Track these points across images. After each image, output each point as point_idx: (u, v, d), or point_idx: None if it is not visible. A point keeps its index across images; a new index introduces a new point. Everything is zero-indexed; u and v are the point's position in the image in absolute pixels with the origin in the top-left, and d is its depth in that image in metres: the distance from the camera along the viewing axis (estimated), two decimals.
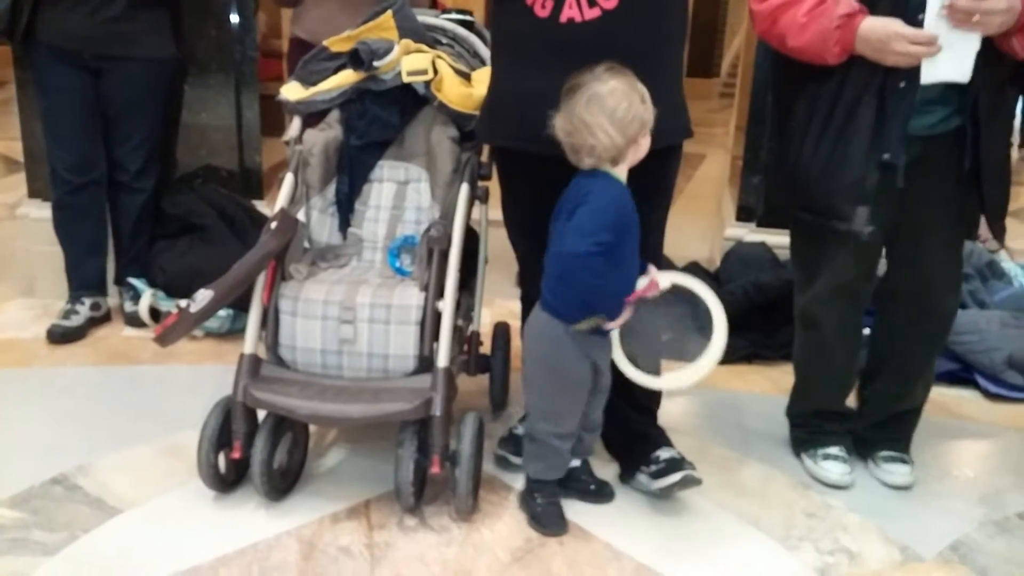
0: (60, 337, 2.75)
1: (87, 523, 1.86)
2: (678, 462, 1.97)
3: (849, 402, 2.24)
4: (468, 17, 2.39)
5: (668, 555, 1.83)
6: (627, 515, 1.96)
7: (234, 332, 2.71)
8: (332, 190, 2.17)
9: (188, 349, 2.70)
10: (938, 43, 1.75)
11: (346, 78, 2.16)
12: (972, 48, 1.78)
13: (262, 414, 1.92)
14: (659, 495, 1.98)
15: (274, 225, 1.96)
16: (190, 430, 1.93)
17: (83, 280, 2.88)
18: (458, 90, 2.13)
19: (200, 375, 2.53)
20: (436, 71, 2.11)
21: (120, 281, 2.97)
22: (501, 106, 1.90)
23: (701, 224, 3.70)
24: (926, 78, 1.79)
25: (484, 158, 2.17)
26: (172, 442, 2.15)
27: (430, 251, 1.96)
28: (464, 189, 2.05)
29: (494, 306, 2.71)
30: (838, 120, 1.84)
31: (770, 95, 2.11)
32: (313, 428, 2.11)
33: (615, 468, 2.09)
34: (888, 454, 2.16)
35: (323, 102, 2.18)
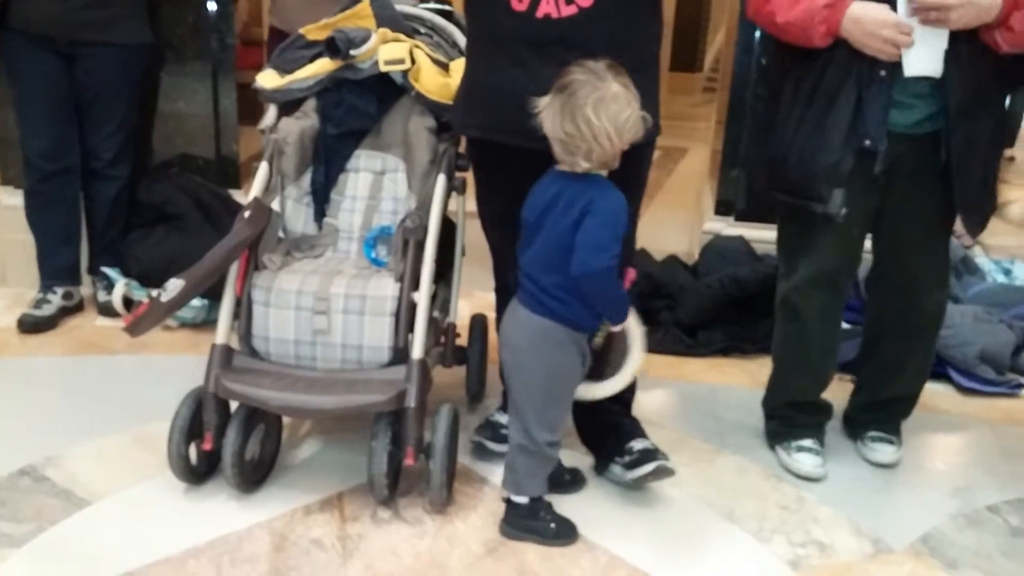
0: (31, 327, 2.72)
1: (55, 515, 1.84)
2: (652, 453, 1.97)
3: (827, 396, 2.25)
4: (446, 7, 2.37)
5: (641, 547, 1.83)
6: (601, 508, 1.96)
7: (209, 322, 2.68)
8: (307, 179, 2.15)
9: (162, 339, 2.68)
10: (912, 36, 1.78)
11: (323, 67, 2.13)
12: (940, 44, 1.80)
13: (235, 405, 1.90)
14: (633, 485, 1.98)
15: (247, 214, 1.94)
16: (162, 421, 1.91)
17: (55, 269, 2.85)
18: (436, 80, 2.11)
19: (174, 365, 2.51)
20: (414, 61, 2.10)
21: (93, 270, 2.94)
22: (475, 97, 1.89)
23: (681, 218, 3.71)
24: (908, 71, 1.82)
25: (462, 149, 2.16)
26: (143, 433, 2.13)
27: (406, 242, 1.95)
28: (441, 180, 2.04)
29: (473, 298, 2.70)
30: (819, 104, 1.88)
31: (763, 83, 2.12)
32: (287, 419, 2.10)
33: (590, 461, 2.09)
34: (876, 434, 2.21)
35: (299, 90, 2.16)
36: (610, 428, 2.06)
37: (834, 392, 2.25)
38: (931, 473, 2.21)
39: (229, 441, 1.85)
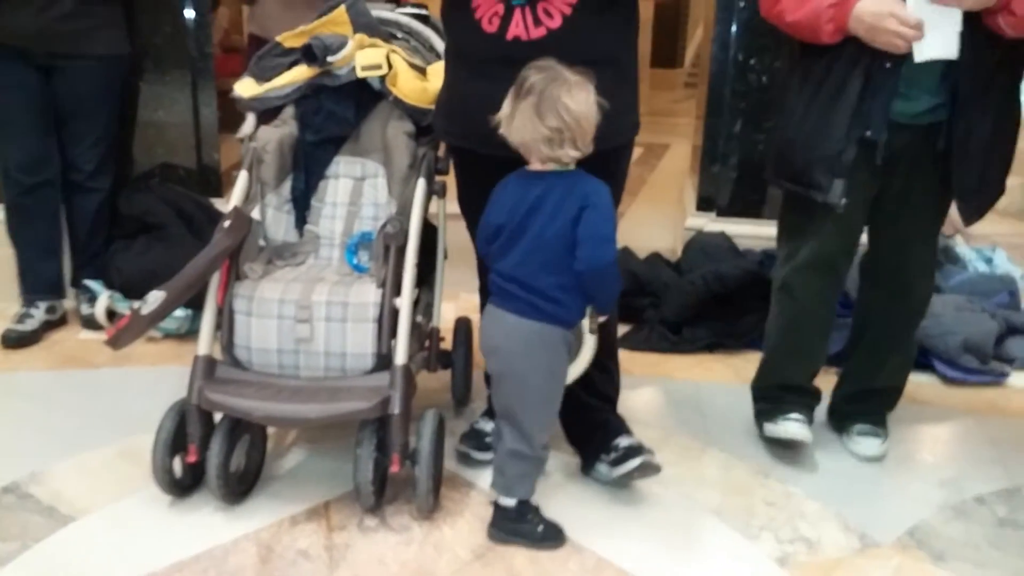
0: (15, 342, 2.70)
1: (39, 532, 1.83)
2: (637, 449, 1.97)
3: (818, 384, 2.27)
4: (423, 11, 2.37)
5: (629, 548, 1.83)
6: (588, 509, 1.96)
7: (193, 332, 2.63)
8: (287, 187, 2.14)
9: (146, 351, 2.66)
10: (923, 26, 1.78)
11: (300, 74, 2.13)
12: (955, 25, 1.81)
13: (219, 416, 1.89)
14: (619, 483, 1.98)
15: (227, 224, 1.93)
16: (147, 434, 1.89)
17: (38, 283, 2.83)
18: (413, 84, 2.11)
19: (158, 377, 2.49)
20: (391, 66, 2.09)
21: (76, 283, 2.92)
22: (453, 107, 1.91)
23: (664, 214, 3.71)
24: (918, 57, 1.82)
25: (441, 153, 2.15)
26: (128, 447, 2.12)
27: (387, 247, 1.94)
28: (421, 184, 2.03)
29: (458, 300, 2.70)
30: (825, 95, 1.91)
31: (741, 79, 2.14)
32: (271, 429, 2.09)
33: (576, 462, 2.09)
34: (861, 427, 2.22)
35: (277, 98, 2.15)
36: (596, 426, 2.06)
37: (820, 384, 2.26)
38: (917, 465, 2.21)
39: (213, 453, 1.84)
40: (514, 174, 1.75)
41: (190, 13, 3.03)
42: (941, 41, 1.81)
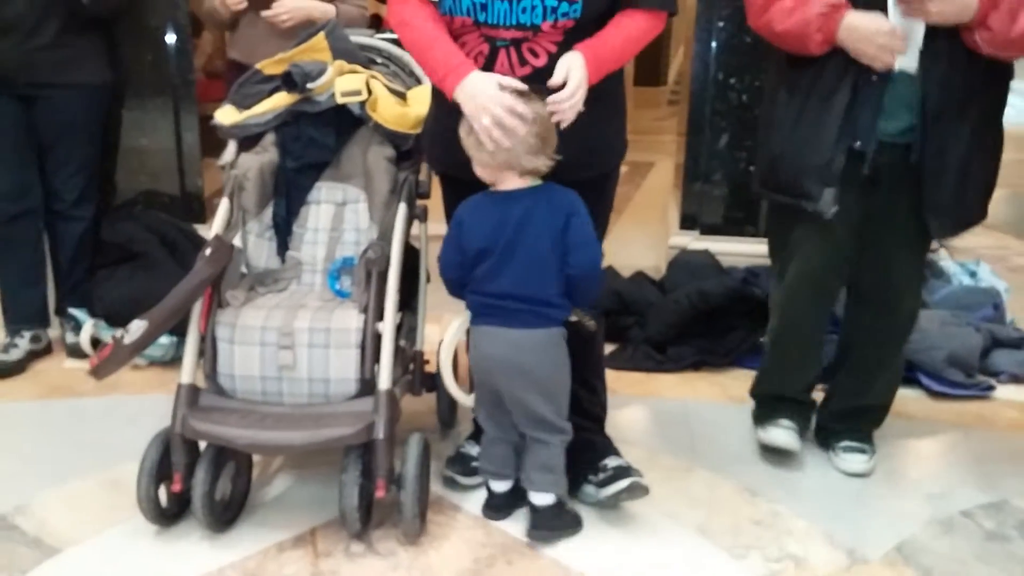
0: (0, 373, 2.68)
1: (25, 564, 1.81)
2: (625, 470, 1.97)
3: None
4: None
5: (616, 568, 1.82)
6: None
7: (178, 359, 2.59)
8: (269, 214, 2.14)
9: (131, 379, 2.65)
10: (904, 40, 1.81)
11: (280, 100, 2.14)
12: (916, 39, 1.83)
13: (204, 444, 1.88)
14: (606, 504, 1.98)
15: (208, 252, 1.93)
16: (132, 463, 1.88)
17: (21, 313, 2.83)
18: (393, 110, 2.12)
19: (144, 405, 2.48)
20: (370, 91, 2.10)
21: (61, 312, 2.91)
22: (439, 136, 1.93)
23: (649, 233, 3.73)
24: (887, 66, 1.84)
25: (422, 177, 2.16)
26: (114, 476, 2.11)
27: (368, 272, 1.95)
28: (402, 209, 2.04)
29: (442, 322, 2.69)
30: (814, 106, 1.93)
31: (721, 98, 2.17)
32: (257, 456, 2.08)
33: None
34: (848, 444, 2.22)
35: (257, 125, 2.16)
36: (583, 446, 2.05)
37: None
38: (904, 480, 2.22)
39: (199, 481, 1.83)
40: (480, 197, 1.80)
41: (171, 39, 3.04)
42: (907, 54, 1.84)
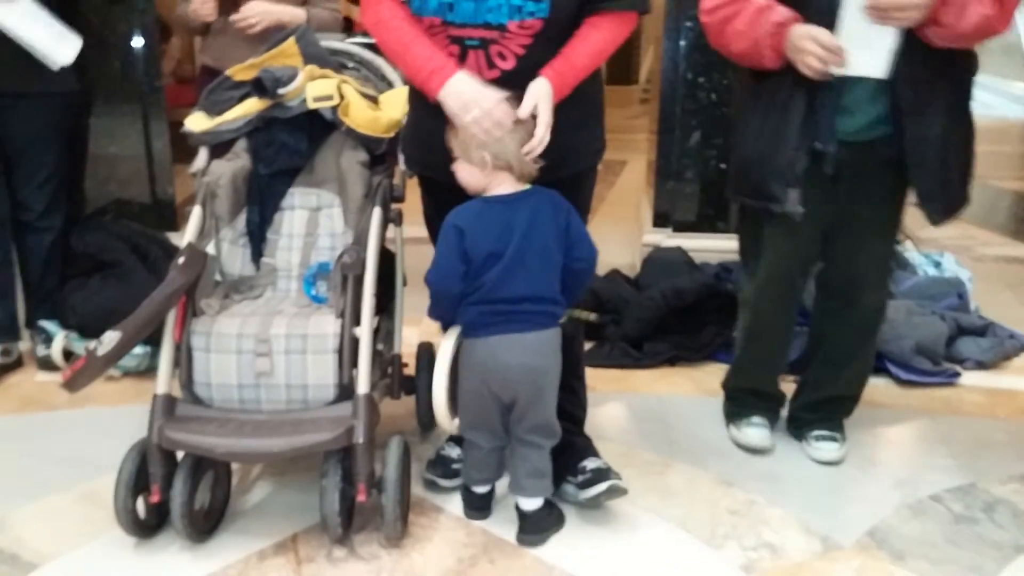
0: None
1: None
2: (604, 472, 1.99)
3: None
4: (374, 40, 2.38)
5: (597, 564, 1.85)
6: None
7: (153, 369, 2.56)
8: (243, 220, 2.14)
9: (105, 390, 2.63)
10: (843, 51, 1.83)
11: (251, 106, 2.13)
12: (887, 44, 1.86)
13: (181, 454, 1.88)
14: (586, 505, 2.00)
15: (181, 260, 1.92)
16: (109, 476, 1.86)
17: None
18: (365, 114, 2.13)
19: (119, 417, 2.46)
20: (342, 96, 2.10)
21: (31, 324, 2.87)
22: (415, 138, 1.96)
23: (623, 231, 3.76)
24: (845, 71, 1.86)
25: (396, 180, 2.17)
26: (90, 489, 2.09)
27: (344, 277, 1.95)
28: (376, 213, 2.04)
29: (420, 325, 2.69)
30: (775, 113, 1.98)
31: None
32: (236, 464, 2.08)
33: None
34: (819, 433, 2.28)
35: (229, 132, 2.15)
36: (563, 447, 2.06)
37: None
38: (875, 467, 2.26)
39: (177, 492, 1.83)
40: (477, 204, 1.80)
41: (138, 45, 3.02)
42: (870, 59, 1.86)
